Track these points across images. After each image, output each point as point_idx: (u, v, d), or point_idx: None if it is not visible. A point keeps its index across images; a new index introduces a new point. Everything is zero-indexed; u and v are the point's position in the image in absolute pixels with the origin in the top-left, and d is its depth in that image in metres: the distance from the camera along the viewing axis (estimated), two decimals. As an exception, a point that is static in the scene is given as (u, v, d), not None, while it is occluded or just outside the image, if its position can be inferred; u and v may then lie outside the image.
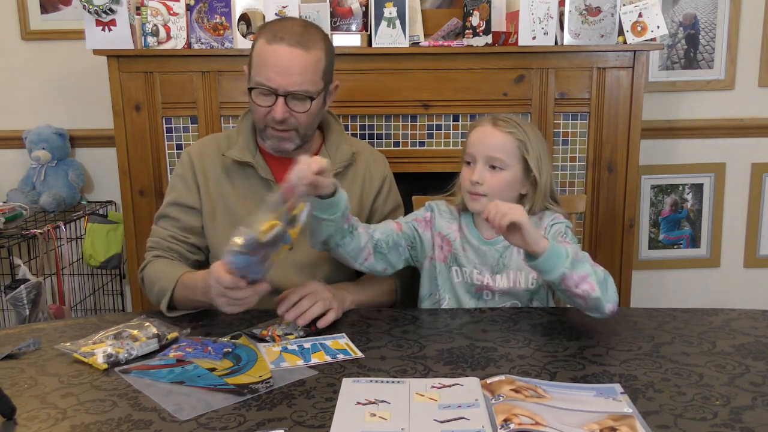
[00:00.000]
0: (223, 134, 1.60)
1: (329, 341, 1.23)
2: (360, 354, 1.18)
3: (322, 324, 1.30)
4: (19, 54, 2.50)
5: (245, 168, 1.50)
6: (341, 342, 1.23)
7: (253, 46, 1.46)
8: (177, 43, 2.07)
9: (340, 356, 1.17)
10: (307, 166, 1.18)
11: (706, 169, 2.60)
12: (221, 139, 1.56)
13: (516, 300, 1.43)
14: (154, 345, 1.19)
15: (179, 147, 2.13)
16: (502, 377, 1.04)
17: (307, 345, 1.21)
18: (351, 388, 1.03)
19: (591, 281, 1.20)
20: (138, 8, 2.05)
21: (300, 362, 1.14)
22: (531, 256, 1.20)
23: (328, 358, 1.16)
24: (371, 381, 1.06)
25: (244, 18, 2.09)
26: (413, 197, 1.79)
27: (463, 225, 1.46)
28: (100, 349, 1.16)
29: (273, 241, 1.14)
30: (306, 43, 1.41)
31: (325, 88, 1.48)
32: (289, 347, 1.19)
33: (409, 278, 1.63)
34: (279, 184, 1.48)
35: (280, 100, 1.41)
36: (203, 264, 1.53)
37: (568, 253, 1.19)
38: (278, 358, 1.14)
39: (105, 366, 1.12)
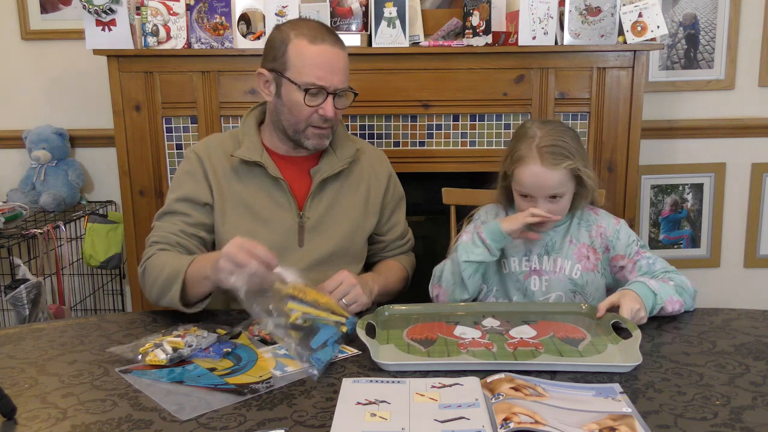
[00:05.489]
0: (227, 134, 1.59)
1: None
2: (356, 351, 1.18)
3: (353, 310, 1.34)
4: (19, 54, 2.50)
5: (253, 167, 1.51)
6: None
7: (283, 47, 1.45)
8: (177, 43, 2.07)
9: (339, 355, 1.17)
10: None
11: (706, 169, 2.60)
12: (226, 139, 1.56)
13: (560, 292, 1.47)
14: (212, 337, 1.20)
15: (179, 147, 2.13)
16: (502, 375, 1.04)
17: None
18: (351, 388, 1.03)
19: (678, 299, 1.34)
20: (138, 8, 2.05)
21: (303, 366, 1.13)
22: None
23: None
24: (371, 381, 1.06)
25: (244, 18, 2.09)
26: (443, 189, 1.88)
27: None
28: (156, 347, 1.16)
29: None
30: (340, 42, 1.48)
31: None
32: (280, 352, 1.18)
33: (415, 266, 1.70)
34: (287, 182, 1.50)
35: (330, 98, 1.44)
36: None
37: (655, 292, 1.32)
38: (278, 365, 1.13)
39: (165, 362, 1.13)
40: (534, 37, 2.02)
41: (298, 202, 1.51)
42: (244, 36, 2.08)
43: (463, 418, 0.93)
